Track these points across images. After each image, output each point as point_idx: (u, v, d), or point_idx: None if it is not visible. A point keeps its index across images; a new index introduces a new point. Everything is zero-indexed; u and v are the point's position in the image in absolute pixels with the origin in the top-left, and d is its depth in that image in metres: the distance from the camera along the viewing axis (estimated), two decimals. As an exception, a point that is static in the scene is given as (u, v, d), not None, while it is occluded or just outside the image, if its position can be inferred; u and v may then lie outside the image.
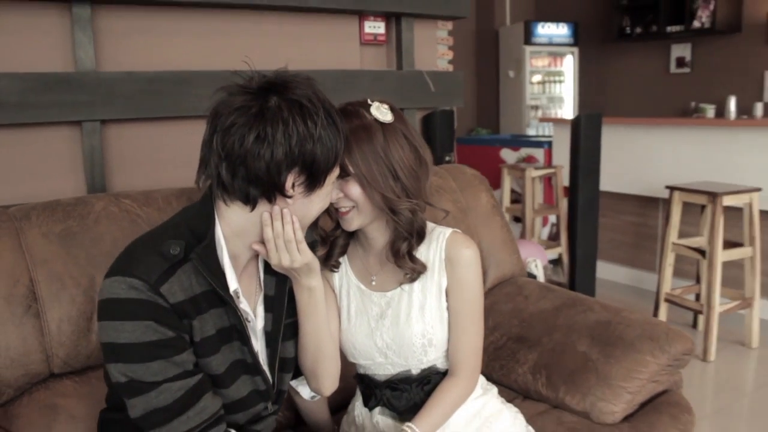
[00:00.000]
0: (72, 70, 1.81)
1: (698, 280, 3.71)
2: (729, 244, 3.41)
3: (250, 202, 1.10)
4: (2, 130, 1.75)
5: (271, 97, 1.08)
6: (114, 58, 1.87)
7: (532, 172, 4.22)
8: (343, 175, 1.24)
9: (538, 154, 5.23)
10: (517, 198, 4.51)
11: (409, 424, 1.32)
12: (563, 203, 4.13)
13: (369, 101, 1.32)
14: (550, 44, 7.35)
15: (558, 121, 5.00)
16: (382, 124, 1.28)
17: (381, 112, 1.29)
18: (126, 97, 1.85)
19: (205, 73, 1.96)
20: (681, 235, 3.62)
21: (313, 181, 1.13)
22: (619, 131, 4.38)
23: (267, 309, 1.25)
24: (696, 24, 5.97)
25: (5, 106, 1.71)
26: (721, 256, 3.29)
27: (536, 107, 7.55)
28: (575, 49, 7.38)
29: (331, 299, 1.40)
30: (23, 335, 1.42)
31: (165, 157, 1.97)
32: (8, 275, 1.43)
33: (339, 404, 1.66)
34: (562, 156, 4.42)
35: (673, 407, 1.67)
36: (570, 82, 7.57)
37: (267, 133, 1.05)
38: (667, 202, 3.85)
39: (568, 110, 7.62)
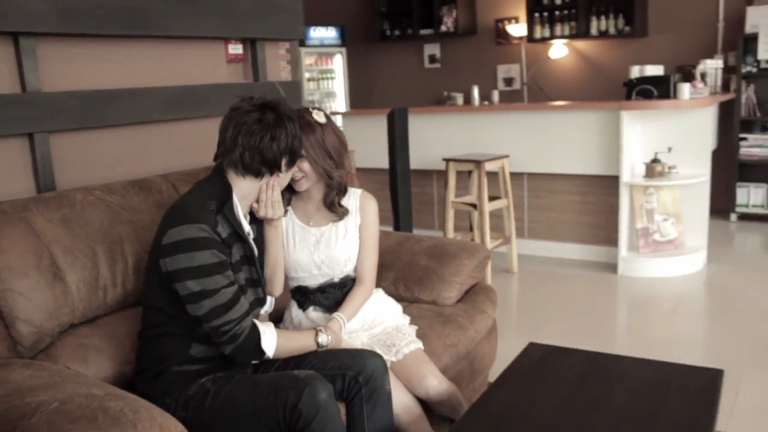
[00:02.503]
0: (20, 91, 2.24)
1: (471, 228, 4.87)
2: (491, 198, 4.58)
3: (260, 175, 1.78)
4: (-32, 145, 2.14)
5: (269, 112, 1.77)
6: (55, 79, 2.32)
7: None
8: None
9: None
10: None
11: (337, 312, 2.08)
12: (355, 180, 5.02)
13: (310, 109, 2.03)
14: (321, 45, 8.26)
15: (372, 113, 5.90)
16: (320, 124, 2.01)
17: (318, 116, 2.02)
18: (68, 112, 2.32)
19: (125, 90, 2.48)
20: (455, 195, 4.73)
21: (291, 162, 1.84)
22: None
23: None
24: (443, 28, 7.28)
25: (-28, 124, 2.10)
26: (488, 207, 4.44)
27: (312, 102, 8.44)
28: (343, 50, 8.37)
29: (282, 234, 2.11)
30: (55, 295, 1.91)
31: (101, 159, 2.46)
32: (34, 252, 1.91)
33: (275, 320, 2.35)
34: (351, 143, 5.33)
35: (484, 289, 2.63)
36: (340, 79, 8.56)
37: (275, 135, 1.75)
38: (442, 173, 4.96)
39: (340, 104, 8.61)
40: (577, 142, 4.75)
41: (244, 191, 1.83)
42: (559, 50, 6.75)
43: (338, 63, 8.46)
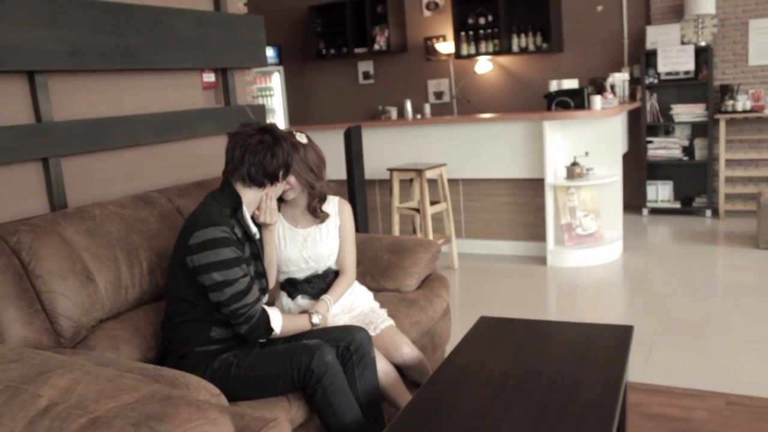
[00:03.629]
0: (35, 121, 2.57)
1: (414, 231, 5.35)
2: (431, 203, 5.07)
3: (263, 186, 2.19)
4: (-7, 170, 2.45)
5: (267, 135, 2.18)
6: (64, 110, 2.66)
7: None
8: (287, 171, 2.38)
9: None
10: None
11: (325, 295, 2.51)
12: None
13: (294, 132, 2.45)
14: (260, 64, 8.58)
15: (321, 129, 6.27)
16: (302, 144, 2.43)
17: (301, 138, 2.44)
18: (76, 138, 2.66)
19: (121, 117, 2.83)
20: (399, 202, 5.21)
21: (285, 174, 2.26)
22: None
23: (257, 244, 2.34)
24: (376, 46, 7.76)
25: (-3, 152, 2.42)
26: (429, 210, 4.93)
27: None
28: (281, 68, 8.74)
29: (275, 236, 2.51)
30: (89, 294, 2.25)
31: (104, 178, 2.80)
32: (68, 259, 2.25)
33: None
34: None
35: (438, 277, 3.10)
36: (279, 96, 8.92)
37: (275, 152, 2.16)
38: (384, 182, 5.44)
39: (279, 120, 8.96)
40: (505, 149, 5.31)
41: (250, 199, 2.23)
42: (484, 65, 7.35)
43: (276, 81, 8.81)
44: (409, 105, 7.18)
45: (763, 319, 3.72)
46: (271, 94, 8.93)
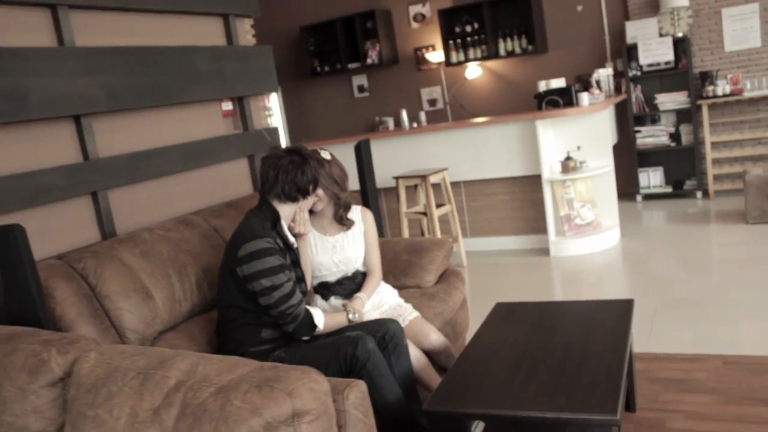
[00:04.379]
0: (83, 159, 2.86)
1: (422, 233, 5.64)
2: (437, 206, 5.36)
3: (296, 200, 2.48)
4: (50, 205, 2.73)
5: (295, 155, 2.48)
6: (107, 147, 2.94)
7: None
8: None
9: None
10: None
11: (359, 293, 2.79)
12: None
13: (318, 150, 2.74)
14: (257, 86, 8.88)
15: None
16: (327, 160, 2.73)
17: (325, 154, 2.73)
18: (119, 171, 2.95)
19: (156, 149, 3.12)
20: (406, 207, 5.50)
21: (314, 188, 2.56)
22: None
23: (293, 252, 2.63)
24: (368, 61, 8.07)
25: (53, 189, 2.71)
26: (436, 213, 5.22)
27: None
28: (278, 87, 9.05)
29: (308, 244, 2.80)
30: (150, 309, 2.54)
31: (145, 205, 3.09)
32: (129, 279, 2.54)
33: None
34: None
35: (453, 272, 3.39)
36: (278, 115, 9.23)
37: (304, 170, 2.45)
38: (388, 190, 5.74)
39: (281, 137, 9.25)
40: (502, 150, 5.61)
41: (286, 213, 2.52)
42: (474, 71, 7.66)
43: (274, 100, 9.12)
44: (404, 114, 7.45)
45: (755, 288, 4.01)
46: (270, 114, 9.20)
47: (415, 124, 7.39)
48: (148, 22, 3.18)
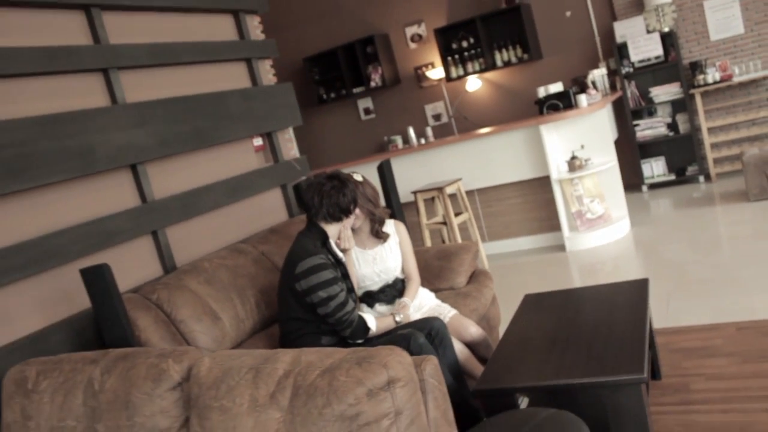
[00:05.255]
0: (142, 203, 3.19)
1: (443, 242, 5.95)
2: (455, 214, 5.67)
3: (340, 220, 2.81)
4: (120, 246, 3.06)
5: (335, 180, 2.80)
6: (161, 189, 3.27)
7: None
8: (353, 205, 3.00)
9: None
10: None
11: (402, 298, 3.10)
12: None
13: (353, 173, 3.06)
14: (267, 118, 9.24)
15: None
16: (360, 182, 3.05)
17: (358, 177, 3.06)
18: (174, 210, 3.28)
19: (203, 187, 3.45)
20: (426, 219, 5.81)
21: (355, 208, 2.88)
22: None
23: (341, 265, 2.95)
24: (372, 84, 8.43)
25: (120, 231, 3.04)
26: (455, 221, 5.53)
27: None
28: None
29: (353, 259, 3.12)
30: (219, 329, 2.85)
31: (198, 238, 3.41)
32: (199, 305, 2.85)
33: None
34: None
35: (482, 272, 3.69)
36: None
37: (345, 193, 2.78)
38: (406, 204, 6.06)
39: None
40: (510, 156, 5.93)
41: (332, 232, 2.84)
42: (474, 84, 8.00)
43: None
44: (411, 131, 7.76)
45: (762, 259, 4.29)
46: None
47: (423, 140, 7.68)
48: (184, 74, 3.53)
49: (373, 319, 2.82)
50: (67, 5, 2.97)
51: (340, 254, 2.88)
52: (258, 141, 4.04)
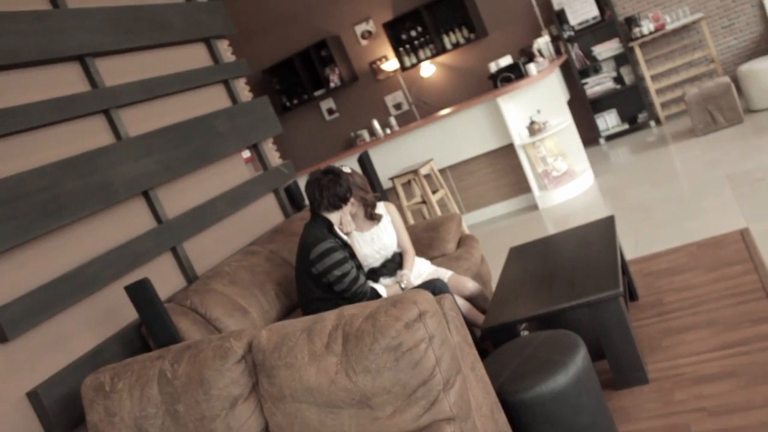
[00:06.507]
0: (157, 224, 3.53)
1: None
2: (432, 192, 6.08)
3: (340, 208, 3.19)
4: (147, 264, 3.40)
5: (330, 174, 3.18)
6: (173, 208, 3.62)
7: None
8: (349, 193, 3.38)
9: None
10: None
11: (403, 270, 3.49)
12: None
13: (341, 166, 3.44)
14: (236, 133, 9.55)
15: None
16: (350, 173, 3.43)
17: (346, 169, 3.44)
18: (186, 226, 3.62)
19: (207, 202, 3.80)
20: (406, 201, 6.21)
21: (351, 196, 3.26)
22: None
23: (347, 248, 3.33)
24: (331, 84, 8.79)
25: (145, 251, 3.37)
26: (434, 198, 5.94)
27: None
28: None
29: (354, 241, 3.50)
30: (250, 321, 3.21)
31: (210, 247, 3.77)
32: (228, 303, 3.21)
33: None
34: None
35: (468, 237, 4.10)
36: (261, 154, 9.88)
37: (341, 183, 3.16)
38: (390, 189, 6.45)
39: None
40: (473, 131, 6.35)
41: (335, 219, 3.22)
42: (428, 69, 8.41)
43: (254, 143, 9.78)
44: (376, 123, 8.14)
45: (713, 185, 4.77)
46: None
47: (388, 130, 8.08)
48: (174, 103, 3.87)
49: (383, 288, 3.21)
50: (63, 59, 3.29)
51: (345, 237, 3.26)
52: (246, 153, 4.39)
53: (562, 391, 2.25)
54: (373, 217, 3.56)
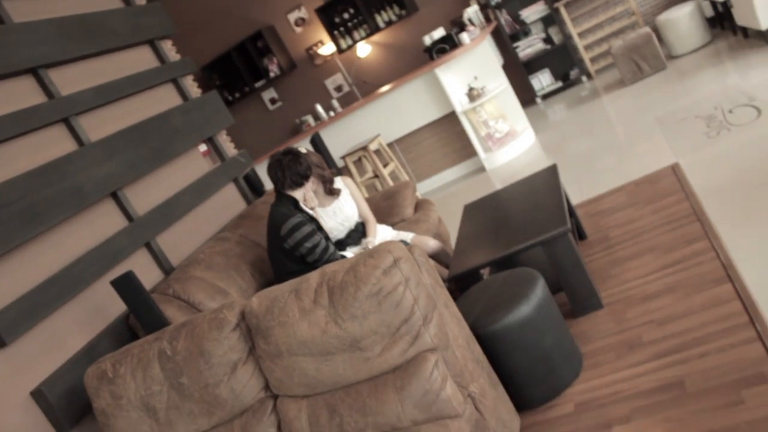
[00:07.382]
0: (129, 222, 3.67)
1: (382, 195, 6.58)
2: (383, 166, 6.31)
3: (302, 185, 3.39)
4: (124, 261, 3.54)
5: (290, 155, 3.37)
6: (142, 205, 3.76)
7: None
8: (309, 170, 3.58)
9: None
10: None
11: (367, 238, 3.72)
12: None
13: (299, 147, 3.63)
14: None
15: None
16: (306, 152, 3.63)
17: (303, 150, 3.63)
18: (156, 221, 3.77)
19: (173, 197, 3.95)
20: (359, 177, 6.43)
21: (311, 173, 3.46)
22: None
23: (314, 222, 3.54)
24: (271, 74, 8.91)
25: (122, 249, 3.52)
26: (385, 171, 6.17)
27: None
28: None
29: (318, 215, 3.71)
30: (230, 299, 3.40)
31: (181, 238, 3.92)
32: (209, 287, 3.39)
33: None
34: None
35: (424, 202, 4.35)
36: (209, 151, 9.94)
37: (301, 162, 3.36)
38: (343, 168, 6.65)
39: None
40: (415, 103, 6.59)
41: (299, 196, 3.42)
42: (364, 49, 8.60)
43: (201, 140, 9.83)
44: (319, 108, 8.31)
45: (649, 127, 5.12)
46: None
47: (332, 113, 8.27)
48: (129, 105, 3.98)
49: (352, 254, 3.43)
50: (16, 72, 3.38)
51: (310, 212, 3.46)
52: (203, 147, 4.53)
53: (527, 319, 2.52)
54: (333, 192, 3.77)
